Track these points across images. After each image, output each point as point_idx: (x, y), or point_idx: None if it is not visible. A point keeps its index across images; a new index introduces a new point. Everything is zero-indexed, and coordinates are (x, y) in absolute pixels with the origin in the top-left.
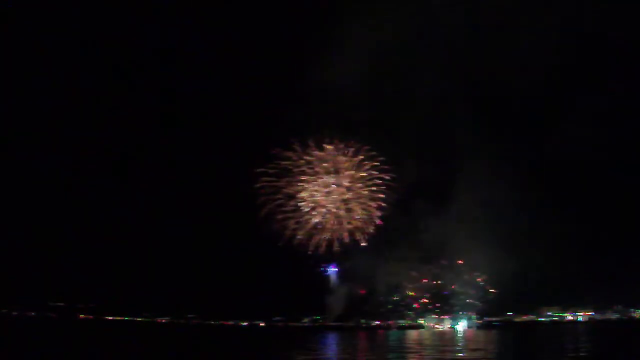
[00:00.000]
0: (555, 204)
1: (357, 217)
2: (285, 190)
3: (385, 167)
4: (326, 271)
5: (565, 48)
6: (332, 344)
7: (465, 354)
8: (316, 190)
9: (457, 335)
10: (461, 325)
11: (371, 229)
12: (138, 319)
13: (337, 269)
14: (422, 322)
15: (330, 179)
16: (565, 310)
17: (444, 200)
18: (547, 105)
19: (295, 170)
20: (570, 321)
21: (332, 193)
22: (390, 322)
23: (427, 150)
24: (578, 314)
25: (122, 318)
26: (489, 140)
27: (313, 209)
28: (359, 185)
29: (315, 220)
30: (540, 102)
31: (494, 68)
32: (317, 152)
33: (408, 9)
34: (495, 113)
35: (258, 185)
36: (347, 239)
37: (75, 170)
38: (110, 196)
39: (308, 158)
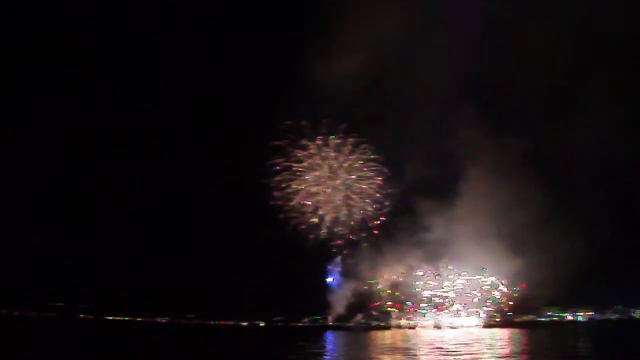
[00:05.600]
0: (556, 204)
1: (358, 213)
2: (286, 187)
3: (384, 163)
4: (327, 270)
5: (567, 46)
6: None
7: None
8: (317, 187)
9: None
10: (467, 324)
11: (373, 226)
12: (138, 319)
13: (338, 268)
14: (420, 321)
15: (332, 175)
16: (565, 310)
17: (446, 199)
18: (550, 103)
19: (297, 166)
20: (570, 321)
21: (333, 189)
22: (389, 322)
23: (429, 149)
24: (578, 314)
25: (122, 318)
26: (492, 139)
27: (314, 206)
28: (360, 181)
29: (317, 218)
30: (544, 99)
31: (496, 66)
32: (319, 148)
33: (411, 6)
34: (498, 111)
35: (259, 183)
36: (348, 238)
37: (76, 170)
38: (110, 195)
39: (310, 154)
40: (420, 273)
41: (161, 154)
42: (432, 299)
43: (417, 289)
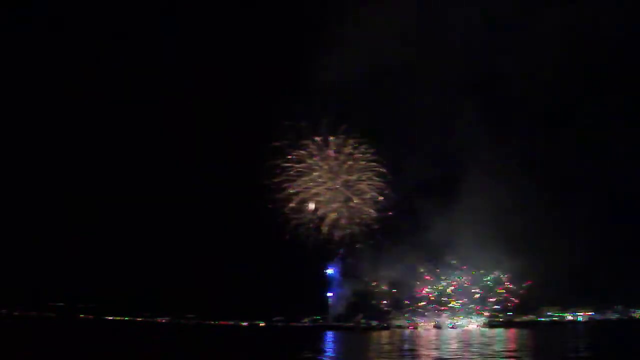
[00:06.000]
0: (556, 205)
1: (358, 214)
2: (287, 188)
3: (384, 163)
4: (327, 270)
5: (570, 47)
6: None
7: None
8: (318, 187)
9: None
10: (468, 324)
11: (373, 225)
12: (138, 319)
13: (338, 268)
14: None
15: (332, 176)
16: (565, 310)
17: (447, 200)
18: (552, 103)
19: (298, 167)
20: (570, 321)
21: (334, 190)
22: (389, 321)
23: (430, 149)
24: (578, 314)
25: (122, 318)
26: (493, 138)
27: (315, 206)
28: (360, 182)
29: (317, 218)
30: (546, 100)
31: (498, 66)
32: (319, 149)
33: (413, 5)
34: (500, 111)
35: (259, 184)
36: (348, 238)
37: (76, 170)
38: (110, 195)
39: (310, 154)
40: (421, 270)
41: (161, 155)
42: (432, 297)
43: (417, 288)
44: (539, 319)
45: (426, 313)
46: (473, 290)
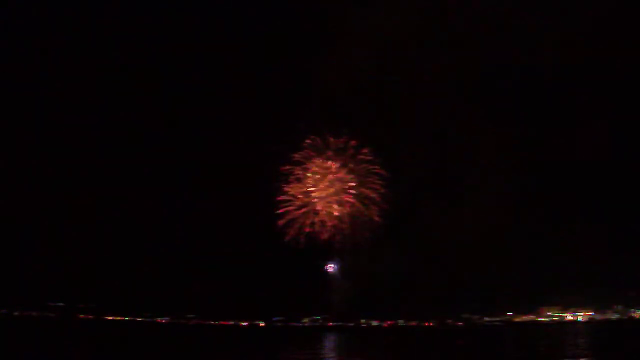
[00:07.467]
0: (557, 203)
1: (359, 215)
2: (287, 189)
3: (385, 165)
4: (327, 268)
5: (572, 44)
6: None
7: None
8: (319, 189)
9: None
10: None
11: (373, 224)
12: (138, 319)
13: (338, 266)
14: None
15: (333, 178)
16: (565, 310)
17: (447, 197)
18: (553, 102)
19: (298, 169)
20: (570, 321)
21: (334, 191)
22: (390, 321)
23: (430, 150)
24: (578, 314)
25: (122, 318)
26: (494, 136)
27: (315, 207)
28: (362, 183)
29: (318, 219)
30: (547, 98)
31: (499, 64)
32: (320, 151)
33: (413, 4)
34: (502, 108)
35: (259, 185)
36: (349, 239)
37: (75, 169)
38: (110, 195)
39: (311, 156)
40: (422, 270)
41: (161, 156)
42: (433, 297)
43: (417, 288)
44: (539, 319)
45: (427, 312)
46: (472, 289)
